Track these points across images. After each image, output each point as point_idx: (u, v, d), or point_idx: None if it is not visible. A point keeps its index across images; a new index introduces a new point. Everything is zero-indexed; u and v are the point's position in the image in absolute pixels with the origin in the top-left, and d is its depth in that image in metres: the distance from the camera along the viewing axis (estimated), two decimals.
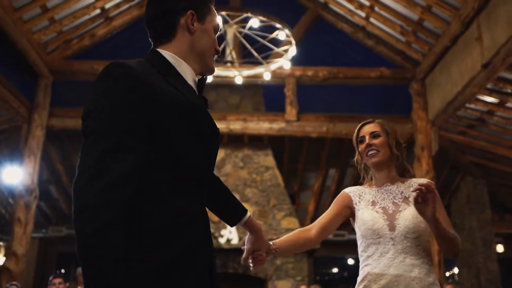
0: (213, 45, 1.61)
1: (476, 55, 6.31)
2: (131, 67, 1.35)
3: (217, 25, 1.65)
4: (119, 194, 1.20)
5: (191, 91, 1.49)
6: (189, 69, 1.54)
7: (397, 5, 7.44)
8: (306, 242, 2.22)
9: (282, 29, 6.20)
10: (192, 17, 1.54)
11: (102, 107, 1.29)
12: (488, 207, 10.13)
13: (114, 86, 1.31)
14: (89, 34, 8.62)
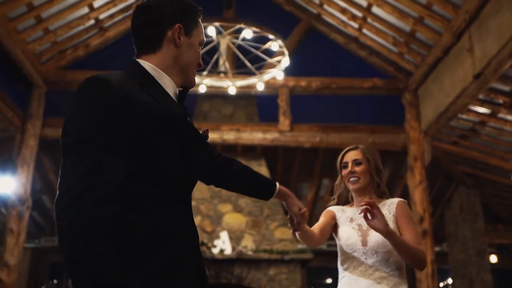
0: (196, 59, 1.61)
1: (467, 66, 6.37)
2: (107, 81, 1.34)
3: (203, 40, 1.65)
4: (107, 210, 1.21)
5: (172, 101, 1.49)
6: (170, 82, 1.53)
7: (390, 17, 7.50)
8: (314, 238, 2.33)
9: (275, 40, 6.24)
10: (180, 30, 1.54)
11: (79, 124, 1.28)
12: (481, 218, 10.16)
13: (90, 102, 1.30)
14: (84, 45, 8.64)
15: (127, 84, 1.39)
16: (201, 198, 8.84)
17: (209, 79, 7.12)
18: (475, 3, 5.97)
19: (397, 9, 7.19)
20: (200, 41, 1.63)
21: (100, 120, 1.28)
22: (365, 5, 7.65)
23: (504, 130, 8.13)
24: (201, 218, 8.68)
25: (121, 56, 9.08)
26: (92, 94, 1.31)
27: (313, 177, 10.01)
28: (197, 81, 7.13)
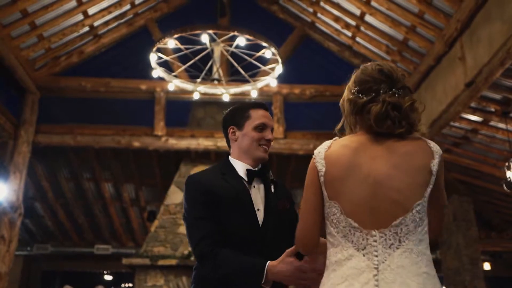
0: (254, 140, 2.21)
1: (459, 74, 6.42)
2: (197, 178, 2.17)
3: (259, 123, 2.21)
4: (201, 246, 1.99)
5: (239, 181, 2.14)
6: (241, 165, 2.20)
7: (383, 25, 7.56)
8: None
9: (269, 48, 6.27)
10: (233, 130, 2.25)
11: (185, 205, 2.15)
12: (475, 225, 10.18)
13: (187, 191, 2.14)
14: (78, 51, 8.65)
15: (213, 175, 2.17)
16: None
17: (203, 86, 7.14)
18: (466, 13, 6.03)
19: (390, 18, 7.25)
20: (256, 125, 2.21)
21: (194, 203, 2.11)
22: (358, 14, 7.70)
23: (496, 138, 8.17)
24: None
25: (116, 63, 9.11)
26: (188, 187, 2.15)
27: None
28: (191, 88, 7.15)
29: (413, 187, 1.54)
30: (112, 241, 11.49)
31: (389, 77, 1.66)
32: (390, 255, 1.48)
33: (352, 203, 1.55)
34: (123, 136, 8.55)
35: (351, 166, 1.59)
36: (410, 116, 1.62)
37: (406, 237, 1.50)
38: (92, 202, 10.66)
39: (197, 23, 6.50)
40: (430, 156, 1.61)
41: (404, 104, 1.62)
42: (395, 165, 1.56)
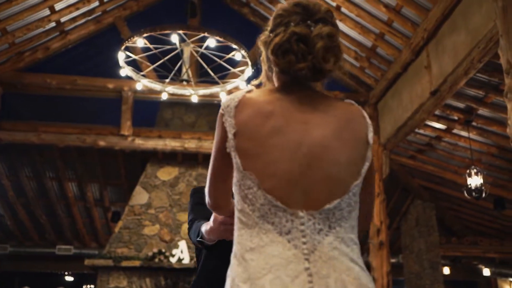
0: None
1: (425, 83, 6.55)
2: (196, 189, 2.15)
3: None
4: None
5: None
6: None
7: (352, 32, 7.65)
8: None
9: (239, 50, 6.26)
10: None
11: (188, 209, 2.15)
12: (436, 230, 10.41)
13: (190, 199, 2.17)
14: (43, 47, 8.45)
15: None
16: (160, 206, 8.75)
17: (172, 86, 7.08)
18: (433, 22, 6.16)
19: (360, 25, 7.35)
20: None
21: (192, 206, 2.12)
22: None
23: (458, 145, 8.39)
24: (160, 227, 8.57)
25: (83, 61, 8.96)
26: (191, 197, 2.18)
27: None
28: (160, 88, 7.08)
29: (352, 163, 1.24)
30: (75, 241, 11.27)
31: (304, 8, 1.34)
32: (320, 243, 1.17)
33: (275, 176, 1.20)
34: (89, 135, 8.40)
35: (275, 129, 1.24)
36: (320, 52, 1.27)
37: (338, 223, 1.20)
38: (55, 201, 10.44)
39: (167, 23, 6.44)
40: (366, 126, 1.32)
41: (315, 33, 1.28)
42: (334, 133, 1.25)
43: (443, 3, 5.87)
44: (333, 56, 1.31)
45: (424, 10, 6.31)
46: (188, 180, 9.05)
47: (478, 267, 12.81)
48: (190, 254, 8.15)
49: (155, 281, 8.07)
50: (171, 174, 9.08)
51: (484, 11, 5.15)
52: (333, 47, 1.31)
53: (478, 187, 7.45)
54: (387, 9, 6.67)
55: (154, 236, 8.50)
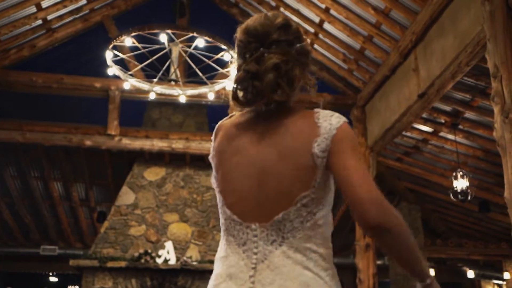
0: None
1: (413, 86, 6.59)
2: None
3: None
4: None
5: None
6: None
7: (341, 34, 7.67)
8: None
9: (228, 51, 6.24)
10: None
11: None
12: (421, 232, 10.48)
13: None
14: (29, 45, 8.36)
15: None
16: (146, 207, 8.69)
17: (160, 86, 7.03)
18: (421, 26, 6.20)
19: (348, 27, 7.37)
20: None
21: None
22: (317, 21, 7.79)
23: (444, 148, 8.45)
24: (146, 228, 8.52)
25: (70, 59, 8.87)
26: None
27: None
28: (147, 88, 7.04)
29: (298, 176, 1.27)
30: (59, 241, 11.16)
31: (254, 35, 1.35)
32: (271, 252, 1.24)
33: (234, 193, 1.32)
34: (75, 134, 8.32)
35: (235, 150, 1.34)
36: (267, 86, 1.29)
37: (291, 233, 1.25)
38: (40, 201, 10.33)
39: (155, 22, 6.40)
40: (315, 134, 1.30)
41: (262, 68, 1.30)
42: (279, 149, 1.29)
43: (432, 6, 5.90)
44: (280, 88, 1.31)
45: (412, 13, 6.34)
46: (175, 180, 9.00)
47: (462, 269, 12.91)
48: (176, 255, 8.11)
49: (141, 282, 8.01)
50: (158, 174, 9.03)
51: (472, 15, 5.19)
52: (282, 76, 1.32)
53: (463, 190, 7.51)
54: (376, 11, 6.70)
55: (140, 236, 8.44)
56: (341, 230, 9.97)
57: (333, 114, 1.36)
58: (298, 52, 1.37)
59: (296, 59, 1.36)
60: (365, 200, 1.19)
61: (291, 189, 1.27)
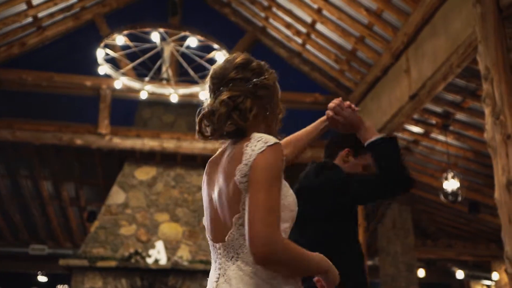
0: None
1: (404, 87, 6.61)
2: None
3: (367, 164, 2.50)
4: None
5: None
6: None
7: (333, 34, 7.69)
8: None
9: (220, 50, 6.23)
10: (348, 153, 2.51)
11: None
12: (412, 233, 10.52)
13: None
14: (19, 43, 8.29)
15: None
16: (137, 206, 8.65)
17: (151, 85, 7.00)
18: (413, 27, 6.22)
19: (340, 28, 7.38)
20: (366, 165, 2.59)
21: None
22: (309, 22, 7.80)
23: (435, 150, 8.49)
24: (137, 227, 8.47)
25: (61, 57, 8.80)
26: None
27: None
28: (139, 87, 7.00)
29: (231, 199, 1.44)
30: (49, 241, 11.08)
31: (217, 77, 1.55)
32: (229, 267, 1.44)
33: (207, 218, 1.56)
34: (65, 133, 8.26)
35: (208, 180, 1.59)
36: (215, 123, 1.50)
37: (241, 249, 1.43)
38: (29, 200, 10.24)
39: (146, 21, 6.37)
40: (241, 160, 1.42)
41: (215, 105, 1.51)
42: (223, 176, 1.48)
43: (424, 8, 5.93)
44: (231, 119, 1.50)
45: (404, 15, 6.36)
46: (166, 180, 8.96)
47: (452, 269, 12.99)
48: (167, 255, 8.07)
49: (131, 282, 7.97)
50: (149, 174, 8.99)
51: (463, 17, 5.22)
52: (233, 109, 1.50)
53: (454, 191, 7.55)
54: (368, 12, 6.72)
55: (131, 236, 8.40)
56: None
57: (261, 139, 1.44)
58: (255, 86, 1.53)
59: (251, 93, 1.52)
60: (253, 241, 1.34)
61: (229, 211, 1.45)
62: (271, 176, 1.39)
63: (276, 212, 1.37)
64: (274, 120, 1.62)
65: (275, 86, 1.61)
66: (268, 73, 1.59)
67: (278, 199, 1.40)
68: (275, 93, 1.61)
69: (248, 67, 1.56)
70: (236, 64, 1.55)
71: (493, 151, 4.25)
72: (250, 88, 1.52)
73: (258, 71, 1.57)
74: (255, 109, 1.52)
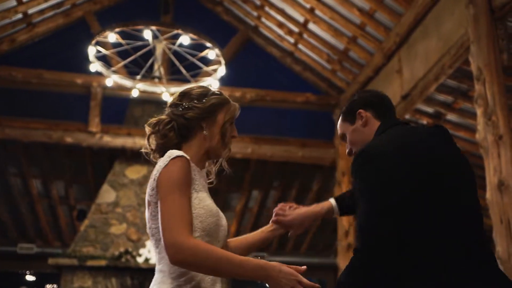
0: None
1: (396, 87, 6.63)
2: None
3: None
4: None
5: None
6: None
7: (325, 34, 7.69)
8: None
9: (212, 48, 6.20)
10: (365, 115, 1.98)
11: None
12: None
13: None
14: (9, 39, 8.20)
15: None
16: (128, 205, 8.60)
17: (143, 83, 6.96)
18: (405, 27, 6.24)
19: (333, 27, 7.38)
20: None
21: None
22: (302, 21, 7.79)
23: None
24: (127, 226, 8.42)
25: (50, 55, 8.71)
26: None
27: (242, 188, 10.01)
28: (130, 85, 6.95)
29: (148, 211, 1.68)
30: (37, 240, 10.98)
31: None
32: (155, 270, 1.69)
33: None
34: (55, 131, 8.20)
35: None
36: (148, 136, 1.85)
37: (159, 255, 1.66)
38: (18, 199, 10.14)
39: (138, 19, 6.33)
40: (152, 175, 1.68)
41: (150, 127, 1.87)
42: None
43: (416, 8, 5.94)
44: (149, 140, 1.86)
45: (396, 15, 6.38)
46: None
47: None
48: None
49: (121, 281, 7.92)
50: (139, 172, 8.94)
51: (456, 18, 5.24)
52: (156, 131, 1.82)
53: None
54: (361, 12, 6.72)
55: (121, 235, 8.34)
56: (323, 230, 10.00)
57: (168, 155, 1.64)
58: (184, 109, 1.79)
59: (179, 116, 1.78)
60: (167, 245, 1.51)
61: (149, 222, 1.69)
62: (171, 185, 1.57)
63: (180, 217, 1.53)
64: (215, 137, 1.79)
65: (213, 109, 1.79)
66: (208, 98, 1.80)
67: (182, 205, 1.55)
68: (212, 114, 1.78)
69: (189, 94, 1.82)
70: (181, 92, 1.86)
71: (485, 152, 4.27)
72: (181, 111, 1.78)
73: (196, 97, 1.80)
74: (174, 131, 1.78)
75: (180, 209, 1.54)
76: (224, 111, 1.82)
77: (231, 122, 1.85)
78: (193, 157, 1.74)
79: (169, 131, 1.78)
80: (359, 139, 1.94)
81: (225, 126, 1.80)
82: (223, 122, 1.80)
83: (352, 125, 1.98)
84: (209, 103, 1.79)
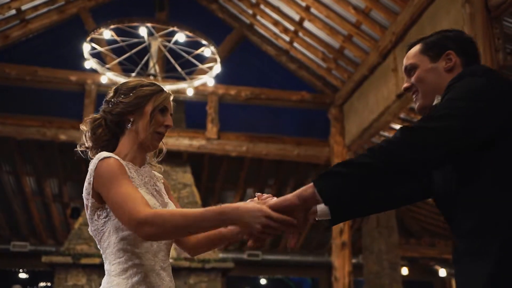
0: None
1: (391, 86, 6.63)
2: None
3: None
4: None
5: None
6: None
7: (320, 32, 7.68)
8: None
9: (208, 46, 6.18)
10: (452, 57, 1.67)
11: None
12: (396, 231, 10.59)
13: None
14: (2, 35, 8.14)
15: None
16: None
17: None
18: (401, 26, 6.24)
19: (328, 26, 7.38)
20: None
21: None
22: (297, 19, 7.78)
23: None
24: None
25: (44, 51, 8.66)
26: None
27: (237, 186, 10.00)
28: None
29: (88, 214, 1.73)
30: (31, 238, 10.92)
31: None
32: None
33: None
34: (49, 128, 8.14)
35: None
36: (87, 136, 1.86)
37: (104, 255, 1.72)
38: (11, 196, 10.08)
39: (133, 16, 6.29)
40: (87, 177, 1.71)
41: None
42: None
43: (412, 7, 5.95)
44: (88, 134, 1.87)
45: (392, 14, 6.38)
46: None
47: (434, 267, 13.11)
48: None
49: None
50: None
51: (452, 17, 5.24)
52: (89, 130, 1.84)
53: None
54: (356, 11, 6.72)
55: None
56: (317, 229, 10.01)
57: (96, 157, 1.68)
58: (113, 105, 1.78)
59: (108, 112, 1.78)
60: (134, 230, 1.52)
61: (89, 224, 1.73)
62: (108, 180, 1.60)
63: (128, 200, 1.53)
64: (145, 129, 1.76)
65: (139, 101, 1.75)
66: (136, 91, 1.77)
67: (126, 189, 1.56)
68: (139, 107, 1.75)
69: (119, 89, 1.80)
70: (114, 88, 1.83)
71: None
72: (110, 108, 1.78)
73: (124, 91, 1.78)
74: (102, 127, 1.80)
75: (126, 193, 1.55)
76: (152, 102, 1.78)
77: (161, 111, 1.79)
78: (128, 153, 1.76)
79: (97, 128, 1.81)
80: (433, 81, 1.64)
81: (152, 115, 1.76)
82: (150, 112, 1.77)
83: (432, 63, 1.66)
84: (135, 96, 1.77)
